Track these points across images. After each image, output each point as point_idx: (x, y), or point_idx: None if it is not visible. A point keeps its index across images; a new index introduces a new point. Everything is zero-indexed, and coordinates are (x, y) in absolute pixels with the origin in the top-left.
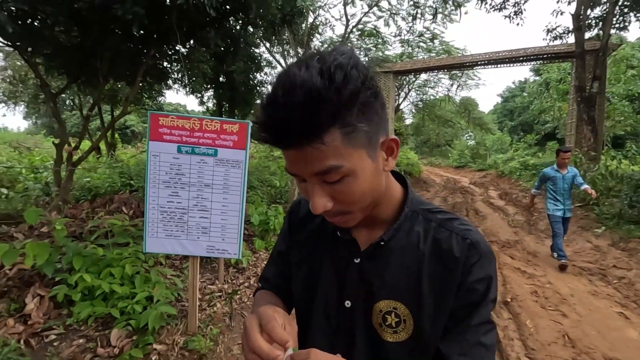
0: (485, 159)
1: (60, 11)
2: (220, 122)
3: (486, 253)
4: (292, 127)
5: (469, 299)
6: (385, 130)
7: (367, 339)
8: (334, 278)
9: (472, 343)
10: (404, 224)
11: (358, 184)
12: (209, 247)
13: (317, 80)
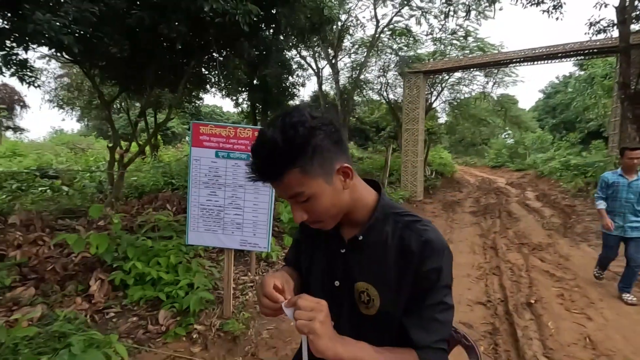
0: (524, 159)
1: (114, 29)
2: (252, 129)
3: (438, 249)
4: (264, 171)
5: (423, 284)
6: (339, 159)
7: (350, 310)
8: (327, 264)
9: (427, 319)
10: (376, 224)
11: (320, 202)
12: (242, 241)
13: (277, 137)
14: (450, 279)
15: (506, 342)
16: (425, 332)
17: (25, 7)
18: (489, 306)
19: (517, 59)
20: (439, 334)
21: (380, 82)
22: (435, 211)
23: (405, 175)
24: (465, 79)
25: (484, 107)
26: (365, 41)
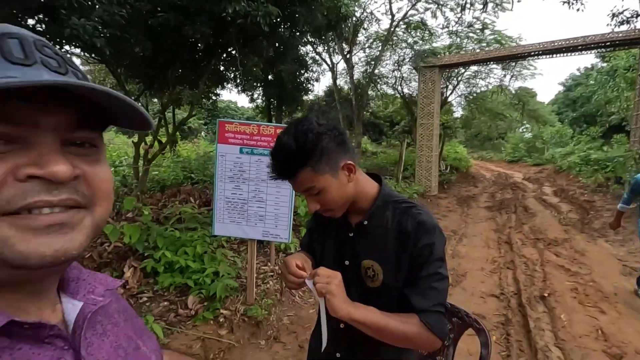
0: (542, 153)
1: (138, 30)
2: (274, 127)
3: (430, 228)
4: (281, 171)
5: (418, 258)
6: (343, 157)
7: (358, 284)
8: (337, 246)
9: (424, 287)
10: (378, 211)
11: (329, 194)
12: (264, 232)
13: (291, 143)
14: (442, 253)
15: (518, 333)
16: (424, 298)
17: (62, 12)
18: (502, 299)
19: (536, 52)
20: (435, 299)
21: (394, 76)
22: (449, 206)
23: (420, 170)
24: (482, 72)
25: (501, 101)
26: (380, 35)
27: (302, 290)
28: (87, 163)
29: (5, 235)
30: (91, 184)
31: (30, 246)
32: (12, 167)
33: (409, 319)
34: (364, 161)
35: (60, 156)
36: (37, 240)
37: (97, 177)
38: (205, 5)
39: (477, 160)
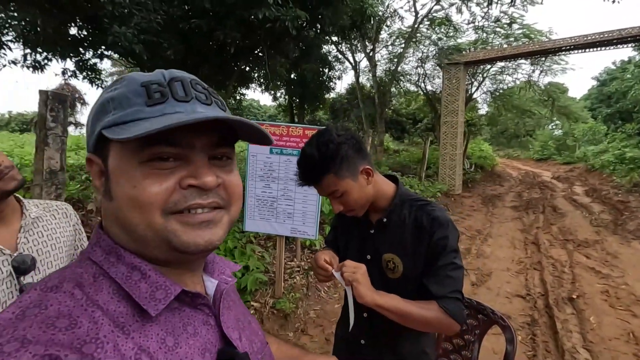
0: (573, 151)
1: (171, 35)
2: (303, 128)
3: (443, 223)
4: (307, 178)
5: (434, 250)
6: (362, 163)
7: (379, 276)
8: (360, 242)
9: (441, 276)
10: (396, 209)
11: (351, 196)
12: (292, 228)
13: (315, 153)
14: (456, 245)
15: (544, 334)
16: (442, 286)
17: (105, 21)
18: (528, 299)
19: (567, 47)
20: (452, 286)
21: (417, 73)
22: (474, 205)
23: (443, 169)
24: (509, 67)
25: (529, 97)
26: (403, 33)
27: (327, 286)
28: (225, 173)
29: (174, 229)
30: (228, 190)
31: (190, 237)
32: (179, 178)
33: (428, 305)
34: (386, 159)
35: (208, 170)
36: (194, 233)
37: (233, 183)
38: (236, 11)
39: (503, 158)
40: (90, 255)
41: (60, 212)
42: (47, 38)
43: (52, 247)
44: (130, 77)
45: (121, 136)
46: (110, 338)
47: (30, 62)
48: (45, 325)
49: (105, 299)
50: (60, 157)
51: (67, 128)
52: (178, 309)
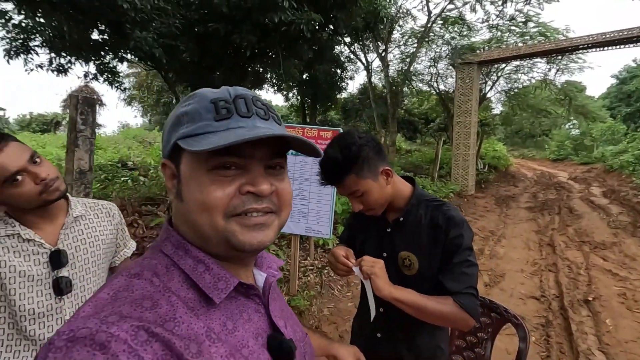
0: (590, 151)
1: (188, 38)
2: (318, 129)
3: (458, 222)
4: (330, 178)
5: (450, 248)
6: (381, 164)
7: (395, 273)
8: (376, 240)
9: (457, 273)
10: (412, 208)
11: (371, 196)
12: (307, 228)
13: (338, 155)
14: (470, 244)
15: (559, 335)
16: (457, 282)
17: (127, 26)
18: (543, 301)
19: (585, 45)
20: (467, 282)
21: (430, 73)
22: (487, 206)
23: (456, 169)
24: (524, 66)
25: (545, 96)
26: (416, 32)
27: (340, 284)
28: (278, 181)
29: (233, 229)
30: (280, 196)
31: (245, 237)
32: (239, 185)
33: (444, 300)
34: (398, 159)
35: (264, 178)
36: (249, 234)
37: (285, 191)
38: (252, 15)
39: (518, 158)
40: (162, 248)
41: (104, 212)
42: (72, 43)
43: (90, 245)
44: (201, 93)
45: (194, 148)
46: (184, 319)
47: (55, 66)
48: (135, 304)
49: (176, 287)
50: (89, 157)
51: (95, 130)
52: (235, 298)
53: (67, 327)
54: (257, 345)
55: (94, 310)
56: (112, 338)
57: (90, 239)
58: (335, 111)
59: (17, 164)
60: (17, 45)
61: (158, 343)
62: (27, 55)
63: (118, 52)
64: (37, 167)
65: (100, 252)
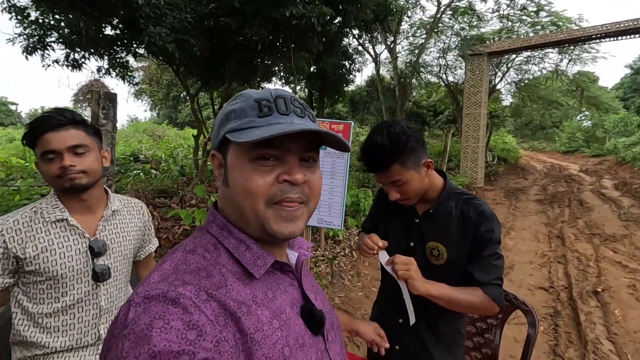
0: (602, 143)
1: (200, 32)
2: (329, 122)
3: (489, 216)
4: (376, 165)
5: (480, 241)
6: (424, 156)
7: (423, 263)
8: (403, 230)
9: (486, 264)
10: (443, 201)
11: (411, 186)
12: (319, 219)
13: (386, 142)
14: (499, 237)
15: (567, 325)
16: (486, 273)
17: (141, 22)
18: (551, 292)
19: (599, 35)
20: (495, 274)
21: (439, 65)
22: (496, 198)
23: (465, 161)
24: (535, 57)
25: (556, 87)
26: (425, 23)
27: (350, 275)
28: (310, 172)
29: (269, 217)
30: (311, 187)
31: (278, 227)
32: (277, 174)
33: (473, 290)
34: None
35: (299, 169)
36: (282, 224)
37: (315, 182)
38: (263, 9)
39: (528, 150)
40: (209, 229)
41: (135, 209)
42: (87, 39)
43: (123, 238)
44: (247, 94)
45: (241, 140)
46: (234, 286)
47: (70, 62)
48: (193, 274)
49: (224, 261)
50: (110, 151)
51: (116, 124)
52: (272, 273)
53: (142, 289)
54: (292, 313)
55: (161, 277)
56: (180, 296)
57: (124, 233)
58: (343, 104)
59: (56, 145)
60: (34, 41)
61: (215, 303)
62: (44, 51)
63: (131, 47)
64: (71, 156)
65: (131, 246)
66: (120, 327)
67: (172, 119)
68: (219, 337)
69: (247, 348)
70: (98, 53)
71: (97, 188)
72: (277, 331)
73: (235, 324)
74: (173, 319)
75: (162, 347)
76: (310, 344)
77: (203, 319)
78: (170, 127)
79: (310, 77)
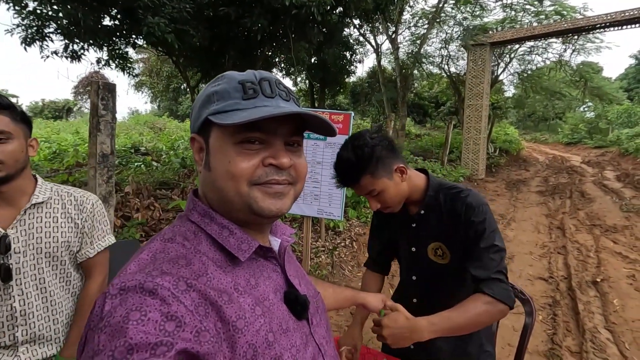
0: (605, 135)
1: (199, 23)
2: (329, 113)
3: (476, 207)
4: (347, 180)
5: (474, 234)
6: (395, 162)
7: (427, 264)
8: (404, 236)
9: (483, 258)
10: (430, 200)
11: (388, 194)
12: (319, 210)
13: (351, 157)
14: (494, 225)
15: (566, 314)
16: (484, 269)
17: (139, 12)
18: (551, 282)
19: (603, 24)
20: (495, 267)
21: (441, 55)
22: (497, 190)
23: (467, 153)
24: (539, 47)
25: (560, 78)
26: (427, 13)
27: (351, 265)
28: (296, 156)
29: (255, 196)
30: (297, 170)
31: (266, 204)
32: (262, 158)
33: (473, 302)
34: (408, 144)
35: (284, 153)
36: (269, 201)
37: (301, 165)
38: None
39: (530, 142)
40: (189, 217)
41: (74, 203)
42: (86, 30)
43: (46, 235)
44: (229, 75)
45: (225, 122)
46: (215, 275)
47: (69, 52)
48: (172, 263)
49: (205, 249)
50: (110, 142)
51: (115, 115)
52: (255, 259)
53: (118, 280)
54: (276, 299)
55: (138, 267)
56: (158, 286)
57: (48, 229)
58: (344, 95)
59: None
60: (33, 32)
61: (195, 292)
62: (42, 42)
63: (130, 38)
64: None
65: (58, 243)
66: (96, 320)
67: (172, 111)
68: (199, 327)
69: (229, 336)
70: (97, 44)
71: (21, 179)
72: (260, 318)
73: (216, 313)
74: (150, 311)
75: (139, 339)
76: (295, 329)
77: (182, 310)
78: (171, 119)
79: (311, 68)
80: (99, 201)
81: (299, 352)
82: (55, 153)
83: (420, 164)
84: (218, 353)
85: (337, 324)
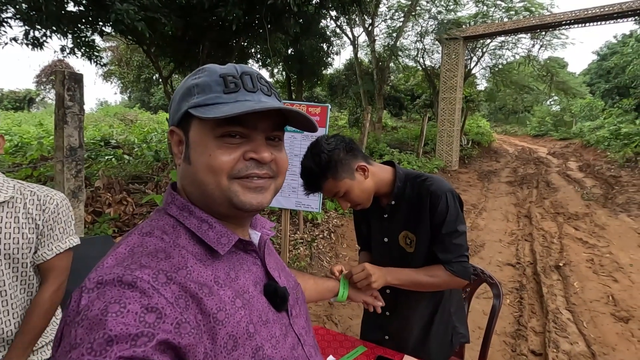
0: (569, 127)
1: (171, 11)
2: (307, 105)
3: (440, 194)
4: (312, 186)
5: (437, 221)
6: (355, 162)
7: (399, 253)
8: (378, 228)
9: (447, 243)
10: (399, 191)
11: (354, 193)
12: (297, 202)
13: (311, 164)
14: (457, 211)
15: (531, 297)
16: (448, 252)
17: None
18: (518, 267)
19: (568, 21)
20: (457, 252)
21: (416, 48)
22: (470, 181)
23: (441, 145)
24: (509, 42)
25: (528, 73)
26: (403, 6)
27: (329, 256)
28: (277, 151)
29: (235, 190)
30: (278, 164)
31: (246, 198)
32: (243, 152)
33: (435, 270)
34: (384, 136)
35: (266, 147)
36: (250, 195)
37: (282, 160)
38: None
39: (501, 134)
40: (168, 210)
41: (36, 202)
42: (48, 15)
43: (6, 236)
44: (210, 68)
45: (208, 115)
46: (195, 268)
47: (29, 40)
48: (151, 256)
49: (184, 243)
50: (78, 134)
51: (83, 107)
52: (235, 253)
53: (94, 274)
54: (256, 291)
55: (115, 261)
56: (137, 279)
57: (9, 229)
58: (322, 87)
59: None
60: None
61: (175, 285)
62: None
63: (97, 25)
64: None
65: (19, 245)
66: (72, 315)
67: (144, 102)
68: (180, 319)
69: (210, 328)
70: (61, 31)
71: None
72: (240, 310)
73: (196, 305)
74: (130, 303)
75: (119, 331)
76: (274, 320)
77: (162, 302)
78: (143, 111)
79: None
80: (66, 200)
81: (279, 342)
82: (18, 146)
83: (396, 156)
84: (199, 344)
85: (316, 314)
